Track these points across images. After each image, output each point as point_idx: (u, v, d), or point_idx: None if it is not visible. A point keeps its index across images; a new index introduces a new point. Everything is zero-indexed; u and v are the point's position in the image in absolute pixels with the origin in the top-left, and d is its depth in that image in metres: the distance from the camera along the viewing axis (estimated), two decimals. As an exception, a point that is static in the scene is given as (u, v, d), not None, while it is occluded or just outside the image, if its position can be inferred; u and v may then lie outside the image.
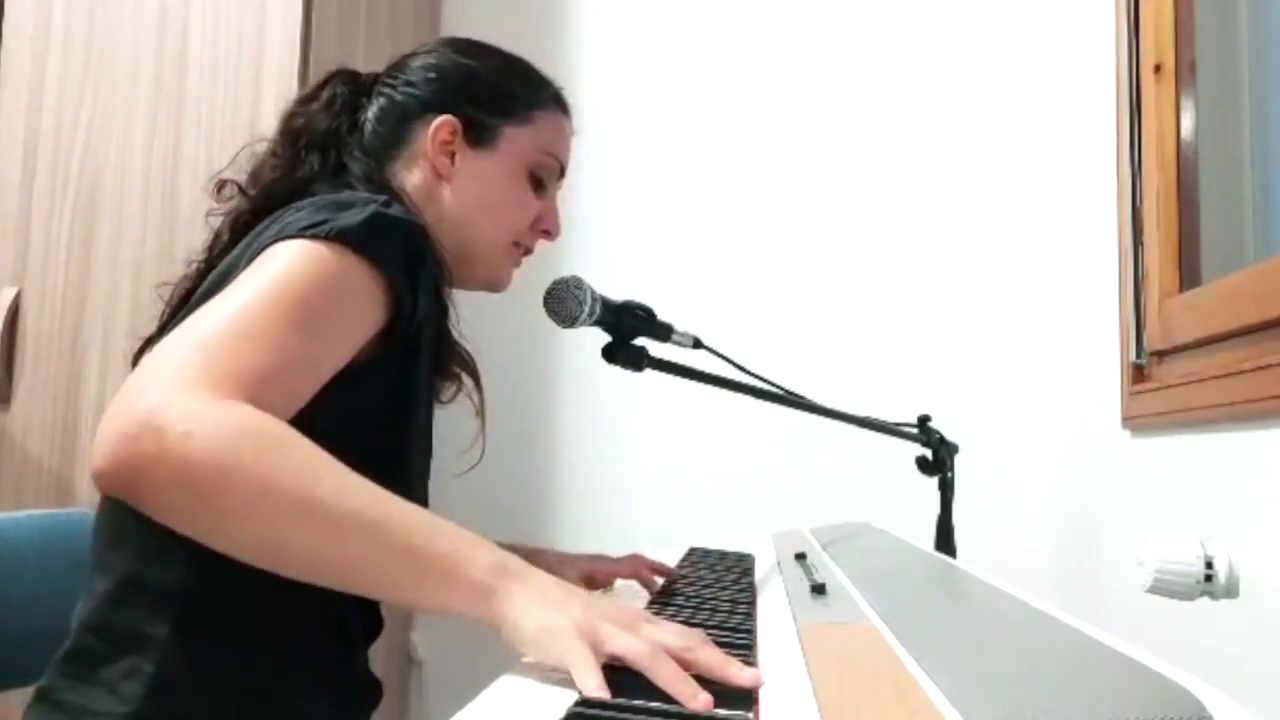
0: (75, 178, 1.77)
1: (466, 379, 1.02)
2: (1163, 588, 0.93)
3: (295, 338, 0.73)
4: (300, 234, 0.78)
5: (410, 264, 0.82)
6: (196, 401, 0.65)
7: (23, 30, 1.82)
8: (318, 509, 0.63)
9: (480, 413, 1.02)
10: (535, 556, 1.01)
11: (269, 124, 1.65)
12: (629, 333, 1.06)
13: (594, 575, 1.11)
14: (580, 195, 1.97)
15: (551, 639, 0.59)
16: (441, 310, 0.93)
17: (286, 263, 0.76)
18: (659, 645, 0.58)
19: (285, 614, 0.81)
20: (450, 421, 1.04)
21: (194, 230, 1.69)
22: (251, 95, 1.68)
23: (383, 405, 0.86)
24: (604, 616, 0.61)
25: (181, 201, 1.69)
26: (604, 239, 1.97)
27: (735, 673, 0.57)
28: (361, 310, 0.80)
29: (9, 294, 1.78)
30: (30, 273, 1.78)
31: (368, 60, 1.82)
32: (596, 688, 0.54)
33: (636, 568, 1.10)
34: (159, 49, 1.74)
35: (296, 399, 0.74)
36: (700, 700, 0.54)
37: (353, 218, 0.79)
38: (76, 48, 1.79)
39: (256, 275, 0.76)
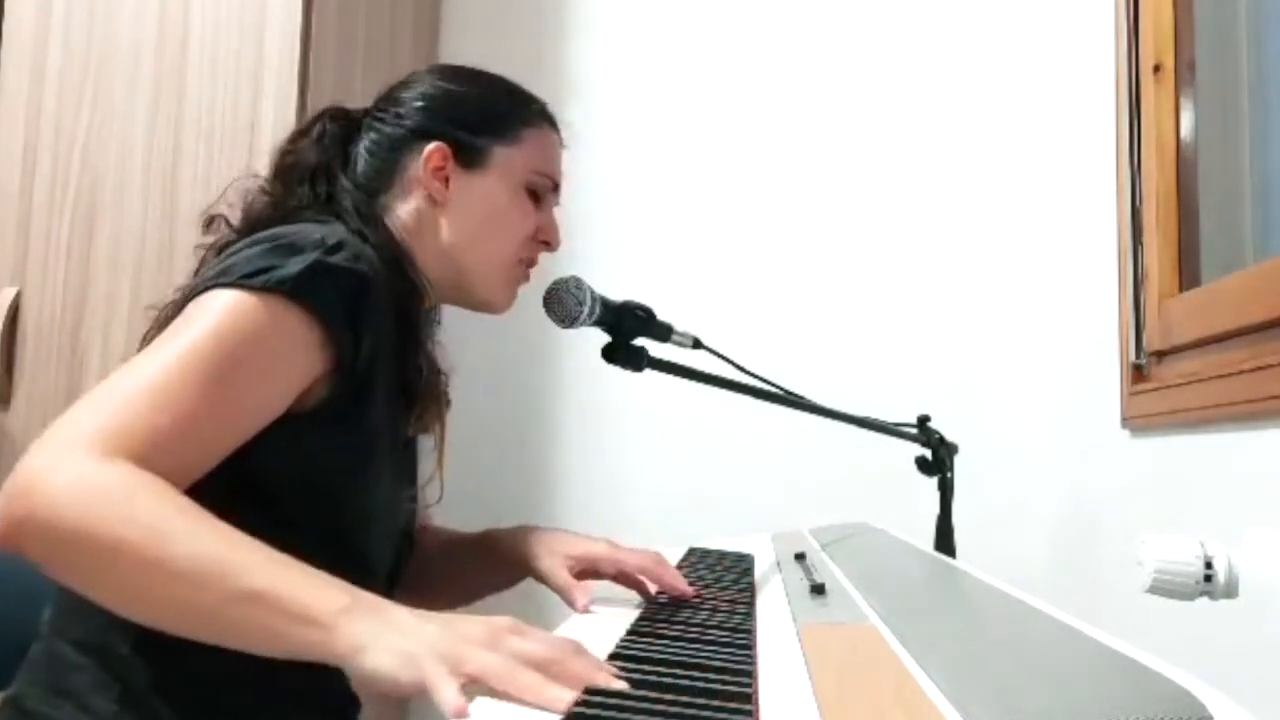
0: (75, 178, 1.77)
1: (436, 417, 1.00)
2: (1162, 588, 0.93)
3: (209, 394, 0.74)
4: (235, 284, 0.79)
5: (350, 308, 0.82)
6: (74, 463, 0.66)
7: (23, 31, 1.82)
8: (165, 562, 0.64)
9: (439, 447, 1.01)
10: (530, 534, 1.00)
11: (269, 125, 1.67)
12: (629, 333, 1.06)
13: (598, 562, 0.97)
14: (580, 196, 1.97)
15: (405, 666, 0.58)
16: (406, 346, 0.92)
17: (211, 317, 0.77)
18: (524, 658, 0.57)
19: None
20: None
21: (194, 230, 1.68)
22: (251, 95, 1.68)
23: (335, 448, 0.85)
24: (463, 637, 0.59)
25: (181, 202, 1.69)
26: (604, 239, 1.97)
27: (605, 681, 0.55)
28: (291, 360, 0.81)
29: (9, 294, 1.78)
30: (30, 273, 1.78)
31: (366, 63, 1.83)
32: (454, 707, 0.53)
33: (654, 568, 0.94)
34: (159, 49, 1.74)
35: (203, 456, 0.74)
36: (564, 703, 0.52)
37: (292, 267, 0.80)
38: (76, 48, 1.79)
39: (181, 330, 0.77)
